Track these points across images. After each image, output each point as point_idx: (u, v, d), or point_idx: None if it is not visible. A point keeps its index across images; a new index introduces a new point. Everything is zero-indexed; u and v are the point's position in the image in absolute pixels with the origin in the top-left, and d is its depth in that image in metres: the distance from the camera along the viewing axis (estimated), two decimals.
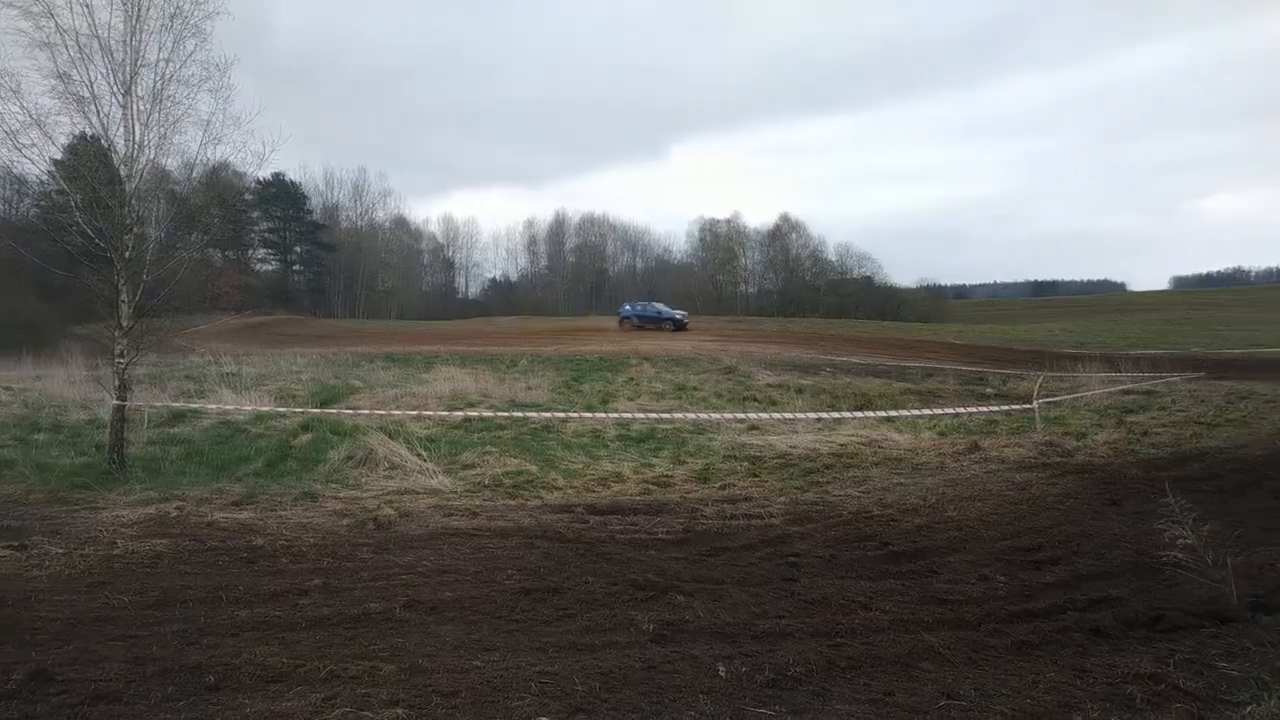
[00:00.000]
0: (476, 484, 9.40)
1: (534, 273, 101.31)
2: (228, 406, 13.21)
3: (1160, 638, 4.99)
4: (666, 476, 10.13)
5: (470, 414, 13.88)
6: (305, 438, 11.56)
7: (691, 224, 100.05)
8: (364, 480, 9.45)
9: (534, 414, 13.68)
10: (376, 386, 18.09)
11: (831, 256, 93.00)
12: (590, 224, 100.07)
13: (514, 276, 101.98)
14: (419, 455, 10.19)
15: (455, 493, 8.97)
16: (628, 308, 49.90)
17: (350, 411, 13.05)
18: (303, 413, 12.89)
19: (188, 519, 7.70)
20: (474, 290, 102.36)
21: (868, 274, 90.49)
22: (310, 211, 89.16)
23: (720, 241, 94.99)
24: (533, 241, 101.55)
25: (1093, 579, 6.06)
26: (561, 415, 13.73)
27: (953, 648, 4.79)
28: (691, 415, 13.67)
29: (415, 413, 13.30)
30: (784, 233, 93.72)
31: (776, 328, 52.35)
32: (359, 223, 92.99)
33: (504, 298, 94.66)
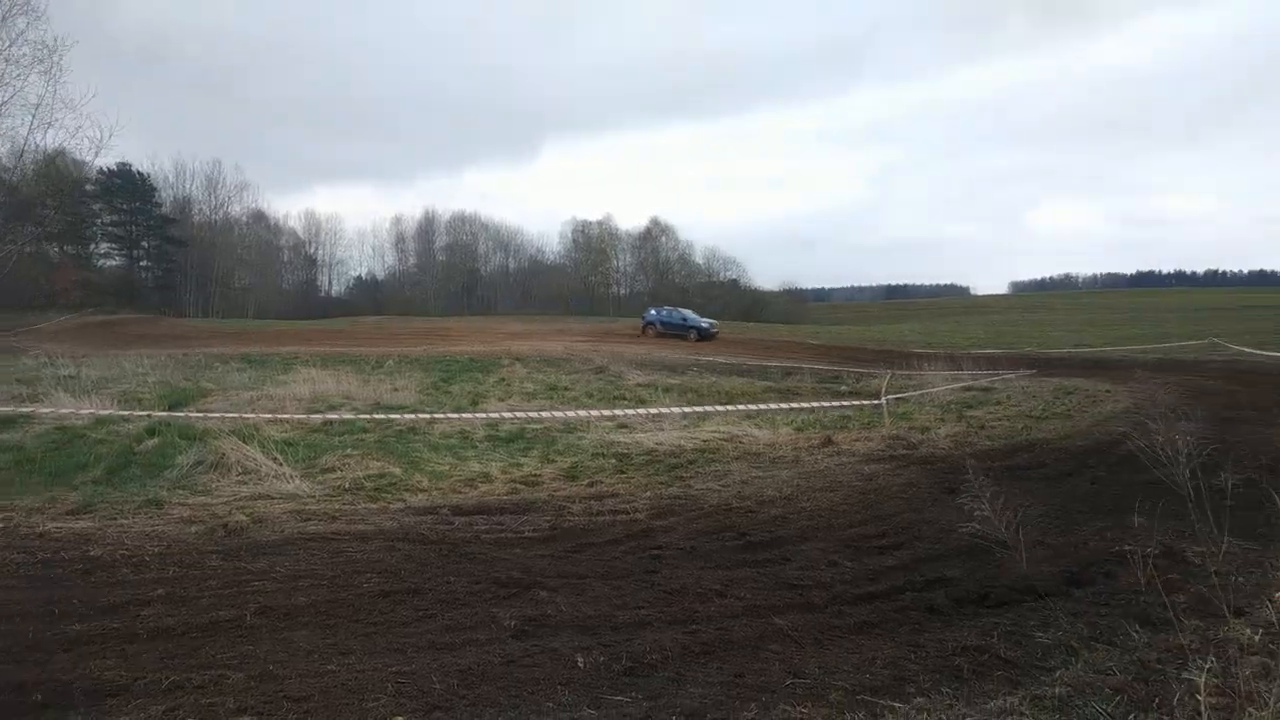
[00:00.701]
0: (336, 488, 9.14)
1: (402, 271, 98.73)
2: (64, 410, 12.31)
3: (987, 613, 5.42)
4: (535, 476, 10.15)
5: (331, 416, 13.45)
6: (151, 443, 10.93)
7: (564, 225, 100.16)
8: (215, 486, 9.04)
9: (400, 416, 13.39)
10: (231, 389, 17.26)
11: (699, 260, 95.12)
12: (461, 223, 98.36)
13: (381, 275, 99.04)
14: (275, 459, 9.82)
15: (313, 497, 8.70)
16: (652, 312, 46.23)
17: (201, 415, 12.41)
18: (148, 416, 12.16)
19: (16, 530, 7.16)
20: (338, 289, 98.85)
21: (734, 277, 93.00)
22: (159, 204, 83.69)
23: (593, 243, 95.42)
24: (400, 239, 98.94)
25: (930, 561, 6.50)
26: (428, 416, 13.50)
27: (800, 630, 5.06)
28: (562, 414, 13.73)
29: (272, 416, 12.77)
30: (654, 235, 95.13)
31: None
32: (213, 217, 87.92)
33: (370, 297, 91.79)
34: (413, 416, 13.34)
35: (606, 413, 14.10)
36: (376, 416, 13.34)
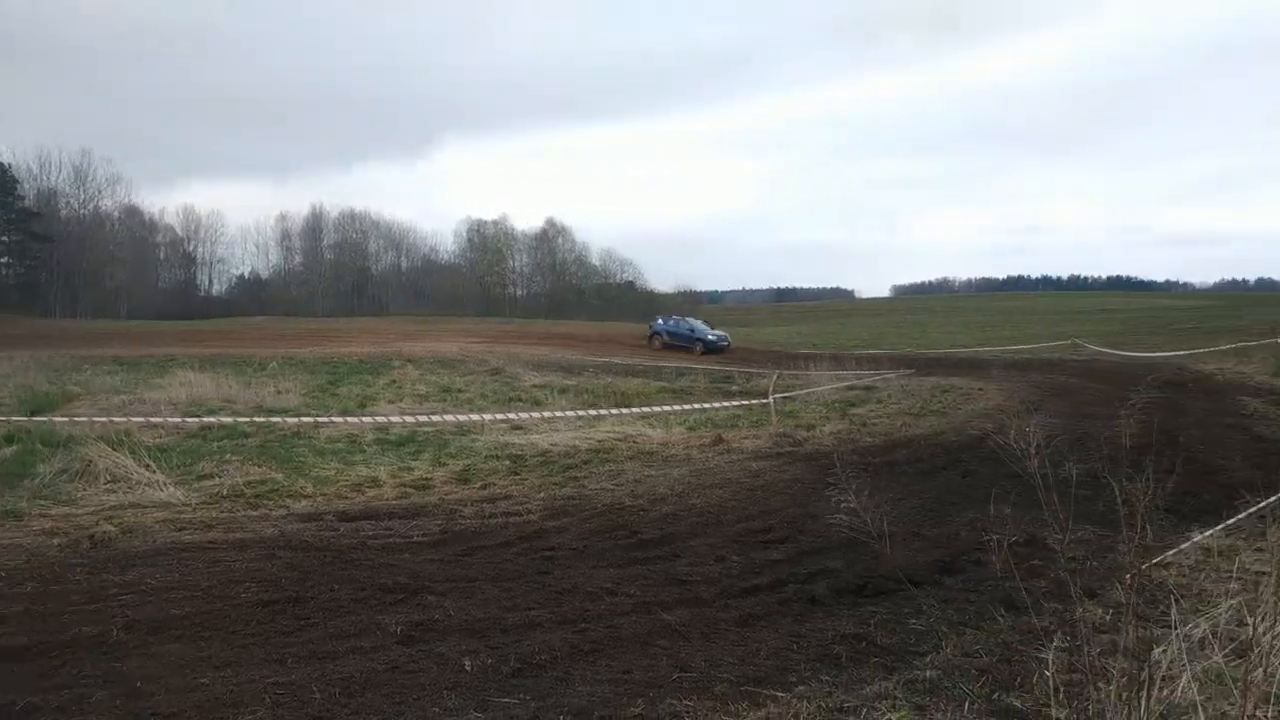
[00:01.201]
0: (214, 495, 8.77)
1: (288, 270, 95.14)
2: None
3: (865, 602, 5.65)
4: (426, 479, 9.98)
5: (210, 421, 12.90)
6: (9, 450, 10.24)
7: (459, 224, 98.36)
8: (80, 495, 8.52)
9: (284, 419, 12.94)
10: (100, 392, 16.32)
11: (596, 261, 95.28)
12: (351, 220, 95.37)
13: (265, 274, 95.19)
14: (147, 466, 9.32)
15: (188, 505, 8.32)
16: (660, 321, 41.72)
17: (66, 420, 11.70)
18: (7, 422, 11.38)
19: None
20: (219, 288, 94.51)
21: (630, 279, 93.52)
22: (21, 197, 78.05)
23: (488, 243, 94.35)
24: (286, 236, 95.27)
25: (813, 554, 6.73)
26: (314, 420, 13.09)
27: (688, 624, 5.15)
28: (455, 417, 13.53)
29: (144, 420, 12.13)
30: (551, 236, 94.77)
31: (543, 330, 52.75)
32: (81, 211, 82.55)
33: (254, 296, 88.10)
34: (297, 420, 12.91)
35: (501, 415, 13.97)
36: (258, 420, 12.85)
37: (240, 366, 21.86)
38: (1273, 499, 6.54)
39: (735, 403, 16.21)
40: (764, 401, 15.26)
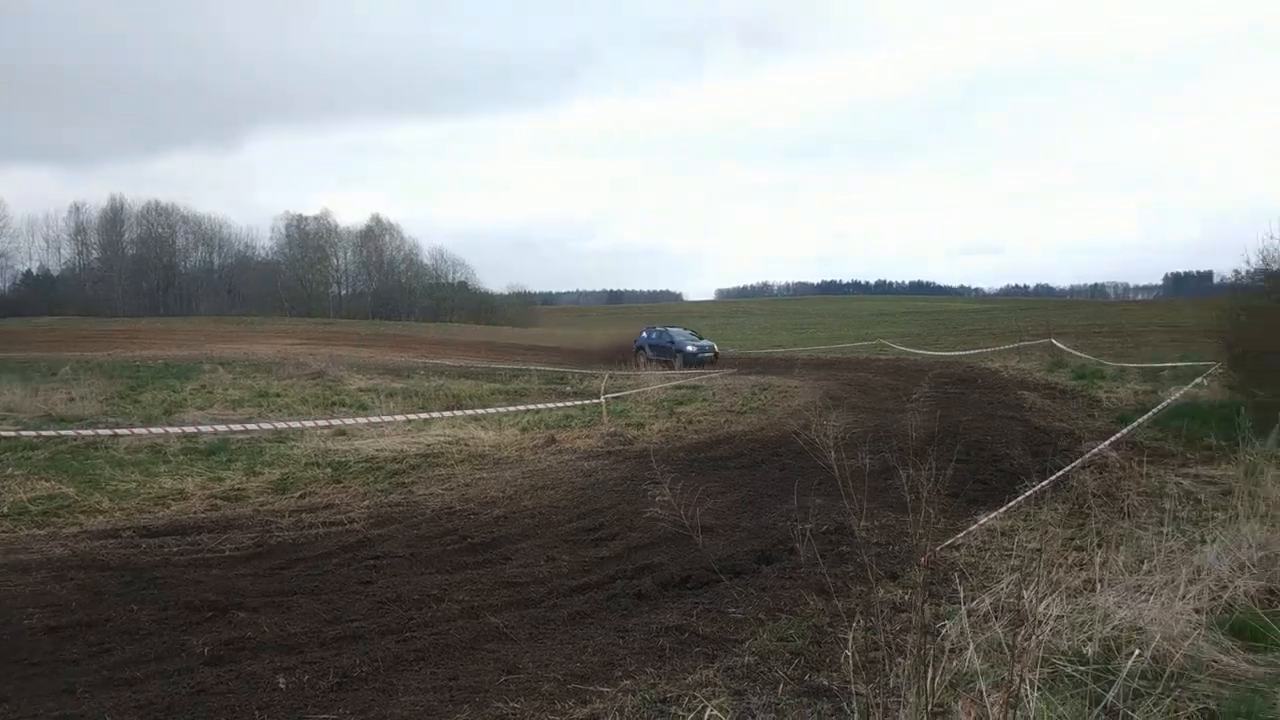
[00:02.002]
0: None
1: (83, 266, 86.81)
2: None
3: (689, 594, 5.85)
4: (239, 489, 9.43)
5: None
6: None
7: (278, 219, 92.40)
8: None
9: (76, 430, 11.84)
10: None
11: (426, 260, 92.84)
12: (156, 213, 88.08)
13: (56, 270, 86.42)
14: None
15: None
16: (644, 335, 34.88)
17: None
18: None
19: None
20: (2, 285, 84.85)
21: (463, 279, 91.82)
22: None
23: (310, 240, 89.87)
24: (81, 230, 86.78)
25: (640, 549, 6.88)
26: (111, 431, 12.05)
27: (516, 626, 5.16)
28: (273, 424, 12.84)
29: None
30: (377, 234, 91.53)
31: (370, 331, 50.91)
32: None
33: (43, 295, 79.71)
34: (92, 431, 11.85)
35: (323, 420, 13.39)
36: (47, 432, 11.69)
37: (25, 372, 19.82)
38: (1044, 483, 7.31)
39: (568, 403, 16.29)
40: (596, 401, 15.44)
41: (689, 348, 32.34)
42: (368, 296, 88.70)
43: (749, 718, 3.83)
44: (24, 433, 11.56)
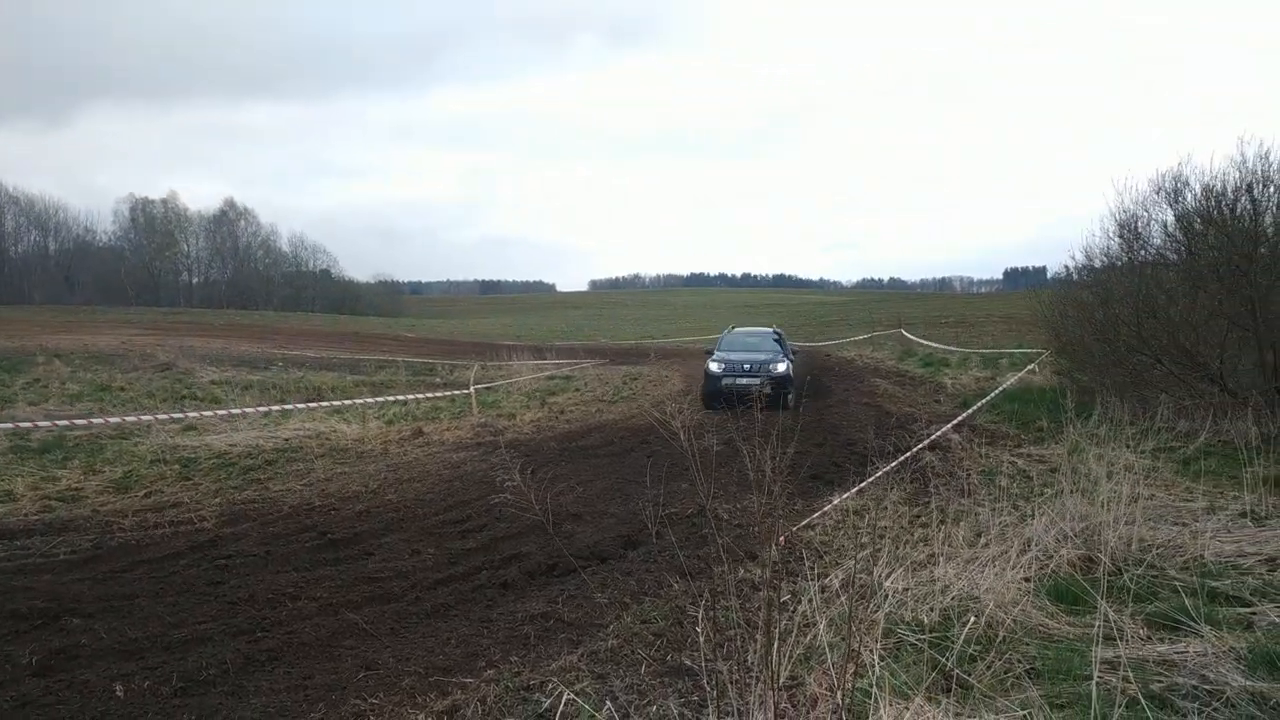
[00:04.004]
0: None
1: None
2: None
3: (555, 582, 5.87)
4: (75, 489, 8.79)
5: None
6: None
7: (120, 203, 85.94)
8: None
9: None
10: None
11: (285, 247, 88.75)
12: None
13: None
14: None
15: None
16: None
17: None
18: None
19: None
20: None
21: (325, 267, 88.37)
22: None
23: (156, 224, 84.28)
24: None
25: (507, 539, 6.86)
26: None
27: (376, 622, 5.05)
28: (114, 419, 12.01)
29: None
30: (231, 219, 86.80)
31: (224, 321, 48.32)
32: None
33: None
34: None
35: (172, 415, 12.63)
36: None
37: None
38: (892, 465, 7.72)
39: (437, 394, 15.98)
40: (466, 392, 15.21)
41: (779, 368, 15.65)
42: (222, 285, 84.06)
43: (611, 699, 3.88)
44: None
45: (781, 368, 15.08)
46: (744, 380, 14.36)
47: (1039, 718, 3.44)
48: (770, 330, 17.91)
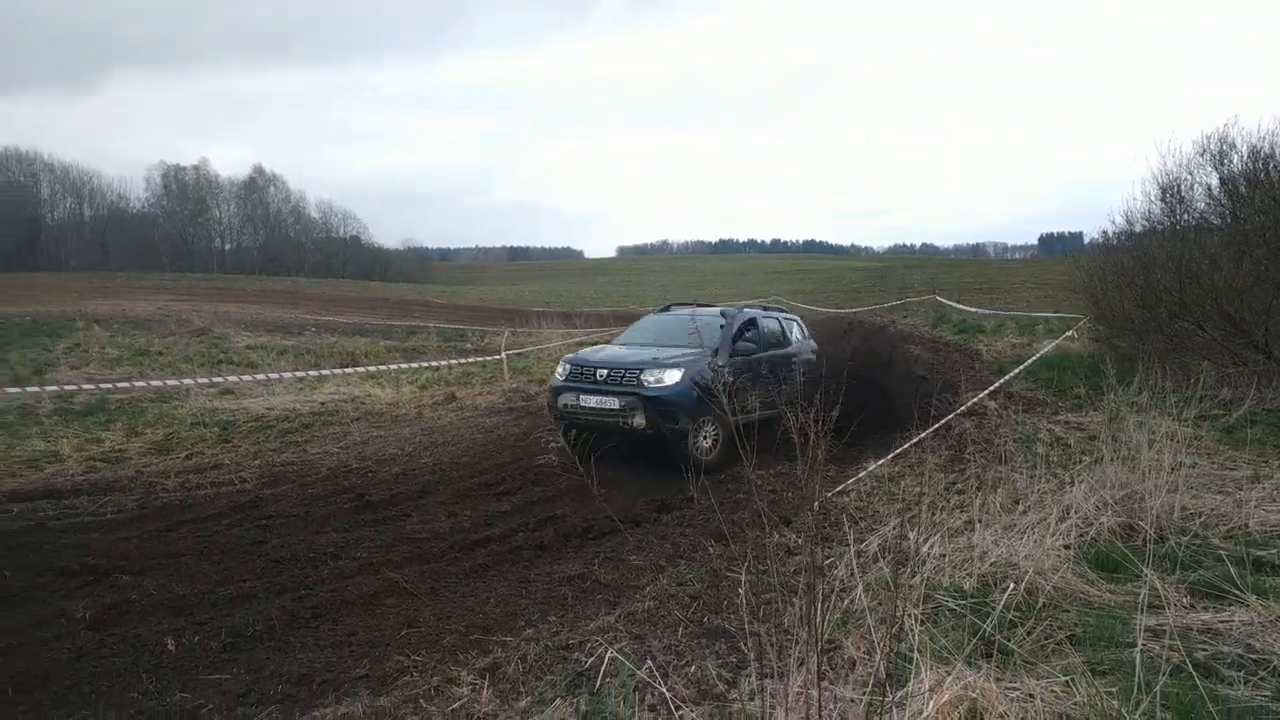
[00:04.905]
0: None
1: None
2: None
3: (590, 544, 5.92)
4: (119, 451, 8.98)
5: None
6: None
7: (151, 169, 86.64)
8: None
9: None
10: None
11: (314, 214, 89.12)
12: (14, 160, 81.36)
13: None
14: None
15: None
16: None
17: None
18: None
19: None
20: None
21: (355, 233, 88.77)
22: None
23: (188, 191, 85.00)
24: None
25: (542, 502, 6.92)
26: None
27: (416, 581, 5.12)
28: (154, 383, 12.23)
29: None
30: (260, 185, 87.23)
31: (257, 287, 48.84)
32: None
33: None
34: None
35: (208, 379, 12.83)
36: None
37: None
38: (927, 432, 7.66)
39: (468, 360, 16.07)
40: (497, 358, 15.28)
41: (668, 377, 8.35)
42: (254, 251, 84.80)
43: (649, 660, 3.92)
44: None
45: (674, 378, 8.00)
46: (594, 400, 8.14)
47: (1081, 684, 3.43)
48: (742, 312, 9.90)
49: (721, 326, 9.22)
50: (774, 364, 9.23)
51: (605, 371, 8.26)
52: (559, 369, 8.83)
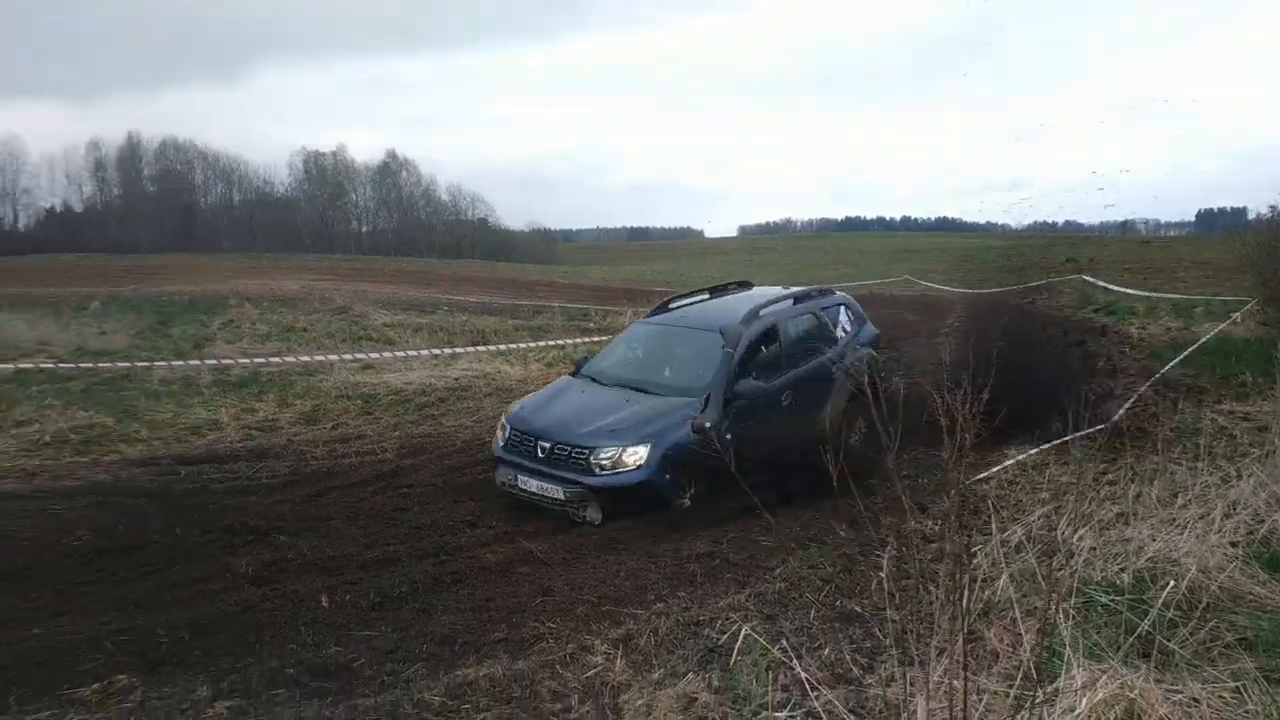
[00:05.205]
0: (35, 442, 8.09)
1: (105, 203, 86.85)
2: None
3: (718, 523, 5.90)
4: (271, 420, 9.56)
5: (24, 365, 11.82)
6: None
7: (293, 155, 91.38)
8: None
9: (110, 363, 12.03)
10: None
11: (444, 197, 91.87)
12: (173, 149, 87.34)
13: (78, 207, 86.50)
14: None
15: (5, 453, 7.66)
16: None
17: None
18: None
19: None
20: (26, 222, 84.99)
21: (482, 216, 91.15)
22: None
23: (327, 176, 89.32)
24: (100, 167, 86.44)
25: None
26: (145, 363, 12.24)
27: (550, 551, 5.25)
28: (302, 358, 12.98)
29: None
30: (394, 169, 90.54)
31: (392, 268, 51.00)
32: None
33: (68, 232, 79.93)
34: (126, 363, 12.04)
35: (350, 355, 13.51)
36: (82, 364, 11.89)
37: (57, 306, 20.05)
38: (1077, 420, 7.25)
39: (592, 339, 16.30)
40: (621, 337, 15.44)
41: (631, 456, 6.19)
42: (388, 234, 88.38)
43: (782, 640, 3.88)
44: (60, 365, 11.78)
45: (636, 459, 5.93)
46: (534, 484, 6.13)
47: (1255, 690, 3.19)
48: (755, 320, 7.12)
49: (722, 355, 6.59)
50: (808, 382, 7.02)
51: (547, 445, 6.15)
52: (500, 427, 6.78)
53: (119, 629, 3.97)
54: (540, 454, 6.15)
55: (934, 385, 3.87)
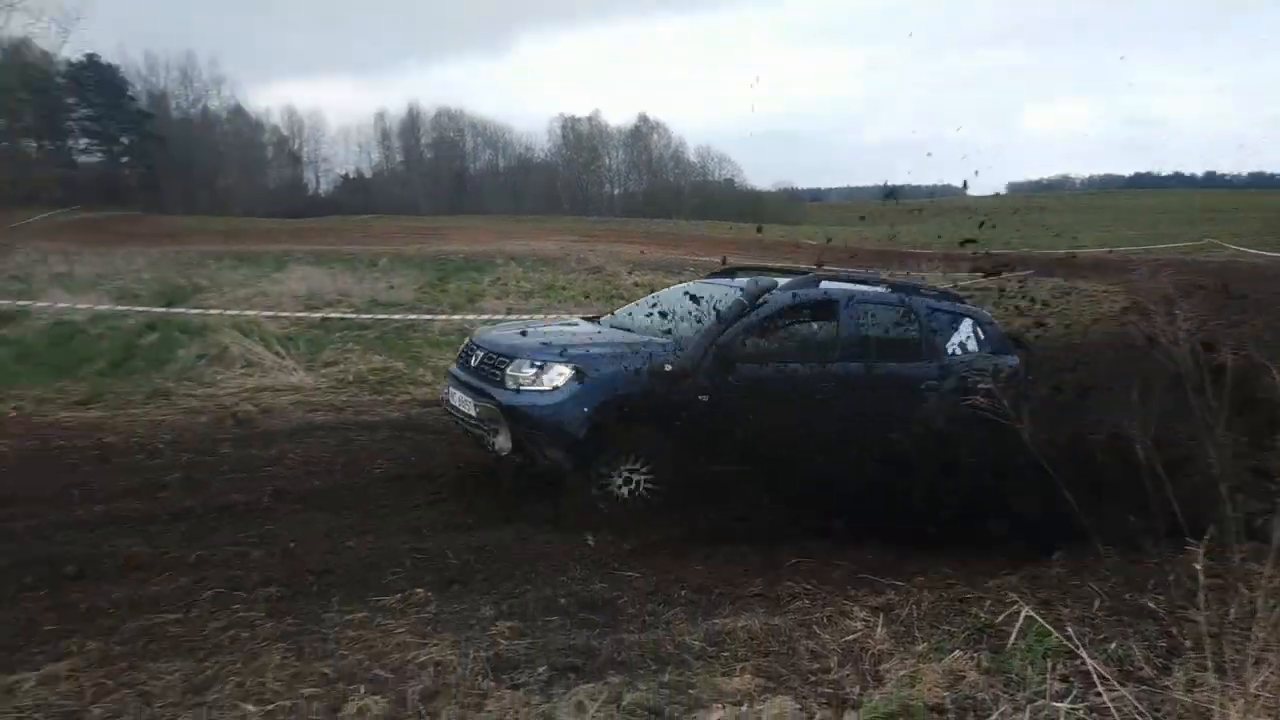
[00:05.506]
0: (340, 381, 9.21)
1: (390, 170, 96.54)
2: (61, 306, 12.25)
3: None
4: None
5: (330, 314, 13.44)
6: (152, 337, 10.90)
7: (552, 121, 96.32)
8: (219, 378, 9.06)
9: (397, 315, 13.38)
10: (226, 286, 17.14)
11: (693, 158, 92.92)
12: (446, 118, 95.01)
13: (369, 173, 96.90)
14: (277, 353, 9.84)
15: (318, 389, 8.77)
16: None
17: (199, 311, 12.38)
18: (145, 312, 12.13)
19: (29, 419, 7.23)
20: (325, 187, 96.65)
21: (729, 176, 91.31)
22: (134, 98, 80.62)
23: (582, 140, 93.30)
24: (385, 136, 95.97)
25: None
26: (427, 315, 13.51)
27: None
28: (561, 314, 13.74)
29: (270, 313, 12.74)
30: (644, 133, 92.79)
31: (643, 230, 52.55)
32: (190, 112, 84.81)
33: (360, 195, 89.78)
34: (412, 316, 13.33)
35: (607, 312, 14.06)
36: (376, 315, 13.32)
37: (352, 263, 22.59)
38: None
39: None
40: None
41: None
42: (639, 196, 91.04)
43: (1060, 629, 3.59)
44: (358, 315, 13.27)
45: (557, 379, 4.99)
46: (458, 396, 5.56)
47: None
48: (806, 288, 6.17)
49: (733, 304, 5.49)
50: (879, 387, 5.49)
51: (480, 355, 5.51)
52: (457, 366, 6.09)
53: (414, 548, 4.44)
54: (472, 363, 5.54)
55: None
